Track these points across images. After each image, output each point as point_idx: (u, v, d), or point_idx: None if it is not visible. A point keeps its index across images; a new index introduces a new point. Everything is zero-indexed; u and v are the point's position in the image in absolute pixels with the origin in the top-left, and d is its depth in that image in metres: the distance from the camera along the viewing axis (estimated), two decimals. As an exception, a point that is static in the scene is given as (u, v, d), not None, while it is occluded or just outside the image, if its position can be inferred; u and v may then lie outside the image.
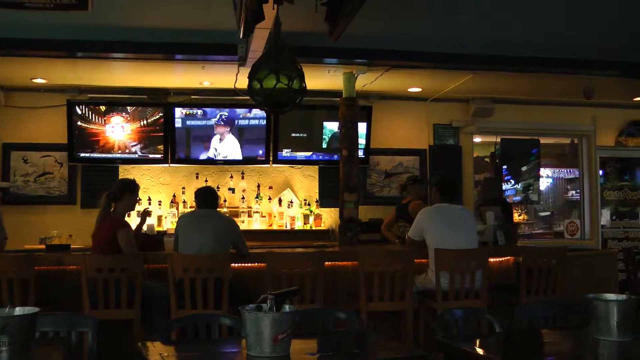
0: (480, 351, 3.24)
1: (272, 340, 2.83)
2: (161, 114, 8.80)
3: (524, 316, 4.00)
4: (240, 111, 8.85)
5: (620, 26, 7.18)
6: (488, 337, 3.96)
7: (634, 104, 10.63)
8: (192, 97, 8.98)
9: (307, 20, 5.70)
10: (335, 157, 8.71)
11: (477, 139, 10.56)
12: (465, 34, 7.11)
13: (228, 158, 8.93)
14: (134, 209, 6.58)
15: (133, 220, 7.32)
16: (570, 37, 7.41)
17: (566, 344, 3.64)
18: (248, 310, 2.89)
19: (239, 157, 8.96)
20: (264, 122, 8.90)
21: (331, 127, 9.14)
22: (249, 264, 6.27)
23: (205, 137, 8.85)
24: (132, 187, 6.11)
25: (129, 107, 8.81)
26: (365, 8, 6.07)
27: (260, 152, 8.99)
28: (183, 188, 8.93)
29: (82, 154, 8.77)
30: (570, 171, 11.29)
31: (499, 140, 10.35)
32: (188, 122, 8.79)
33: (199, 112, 8.81)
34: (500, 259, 7.02)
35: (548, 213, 11.53)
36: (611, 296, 3.50)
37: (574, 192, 11.17)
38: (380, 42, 7.28)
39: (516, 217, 11.04)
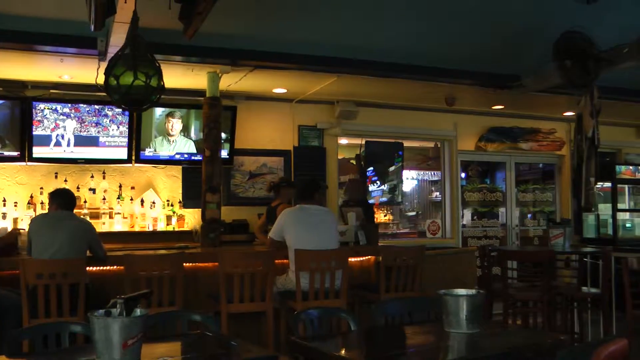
0: (333, 350, 3.28)
1: (122, 346, 2.75)
2: (18, 108, 8.35)
3: (380, 313, 4.09)
4: (101, 107, 8.55)
5: (481, 38, 7.48)
6: (343, 336, 4.01)
7: (493, 112, 11.15)
8: (52, 91, 8.56)
9: (167, 17, 5.58)
10: (199, 157, 8.60)
11: (343, 141, 10.71)
12: (330, 37, 7.19)
13: (89, 157, 8.59)
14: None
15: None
16: (433, 46, 7.67)
17: (418, 338, 3.75)
18: (96, 316, 2.80)
19: (100, 156, 8.65)
20: (126, 119, 8.66)
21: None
22: (108, 268, 6.08)
23: (65, 134, 8.50)
24: None
25: (-21, 100, 8.31)
26: (231, 7, 6.05)
27: (123, 151, 8.73)
28: (41, 188, 8.50)
29: None
30: (434, 173, 11.65)
31: (364, 142, 10.52)
32: (47, 118, 8.40)
33: (59, 107, 8.44)
34: (361, 259, 7.15)
35: (413, 213, 11.84)
36: (461, 291, 3.64)
37: (437, 193, 11.54)
38: (245, 42, 7.25)
39: (382, 218, 11.30)
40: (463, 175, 11.66)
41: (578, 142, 8.07)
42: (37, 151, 8.34)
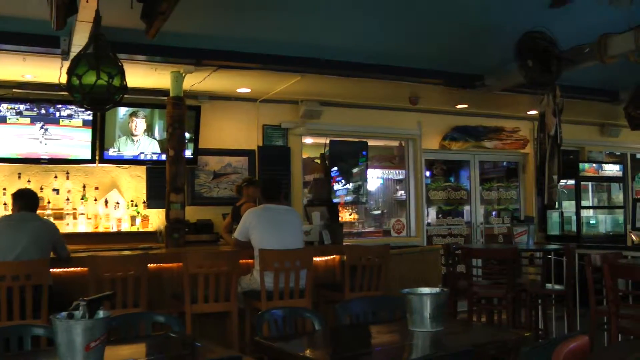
0: (297, 350, 3.27)
1: (84, 349, 2.72)
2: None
3: (344, 313, 4.09)
4: (65, 107, 8.44)
5: (444, 38, 7.53)
6: (307, 336, 4.01)
7: (457, 111, 11.24)
8: (14, 90, 8.43)
9: (130, 16, 5.53)
10: (163, 157, 8.54)
11: (307, 140, 10.70)
12: (294, 36, 7.19)
13: (52, 157, 8.48)
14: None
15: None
16: (397, 46, 7.70)
17: (383, 337, 3.77)
18: (58, 319, 2.77)
19: (64, 156, 8.54)
20: (90, 119, 8.56)
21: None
22: (72, 269, 6.00)
23: (26, 133, 8.37)
24: None
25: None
26: (194, 7, 6.02)
27: (86, 151, 8.63)
28: (4, 189, 8.37)
29: None
30: (398, 172, 11.68)
31: (328, 141, 10.53)
32: (9, 118, 8.27)
33: (21, 106, 8.31)
34: (326, 258, 7.15)
35: (379, 212, 11.88)
36: (424, 290, 3.66)
37: (402, 192, 11.58)
38: (209, 42, 7.22)
39: (347, 217, 11.32)
40: (428, 173, 11.74)
41: (541, 141, 8.17)
42: (0, 151, 8.22)
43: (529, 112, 11.34)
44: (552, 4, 6.14)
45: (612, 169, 13.01)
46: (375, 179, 11.57)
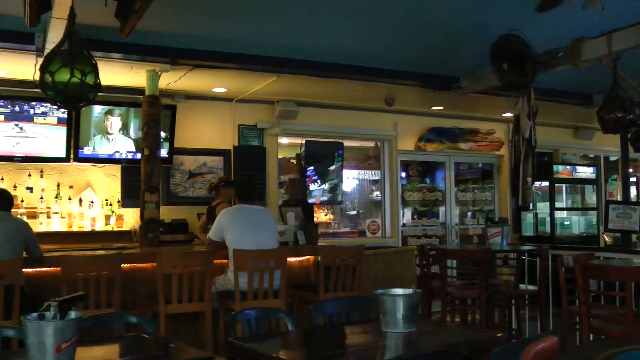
0: (270, 351, 3.27)
1: (55, 350, 2.70)
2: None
3: (318, 313, 4.09)
4: (39, 104, 8.36)
5: (420, 40, 7.57)
6: (281, 336, 4.01)
7: (432, 113, 11.30)
8: (-13, 87, 8.37)
9: (105, 14, 5.49)
10: (138, 156, 8.49)
11: (283, 140, 10.70)
12: (270, 36, 7.18)
13: (26, 155, 8.39)
14: None
15: None
16: (373, 47, 7.73)
17: (356, 338, 3.77)
18: (29, 320, 2.74)
19: (38, 154, 8.46)
20: (65, 117, 8.49)
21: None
22: (44, 269, 5.95)
23: (0, 131, 8.25)
24: None
25: None
26: (171, 6, 5.99)
27: (61, 149, 8.56)
28: (-23, 188, 8.31)
29: None
30: (374, 173, 11.71)
31: (304, 142, 10.53)
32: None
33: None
34: (301, 259, 7.16)
35: (354, 212, 11.91)
36: (397, 291, 3.66)
37: (378, 192, 11.62)
38: (185, 41, 7.20)
39: (323, 217, 11.33)
40: (403, 174, 11.79)
41: (516, 143, 8.22)
42: (-28, 149, 8.14)
43: (504, 115, 11.43)
44: (539, 7, 6.16)
45: (585, 171, 13.17)
46: (351, 179, 11.59)
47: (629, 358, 2.28)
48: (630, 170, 12.34)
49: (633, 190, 13.94)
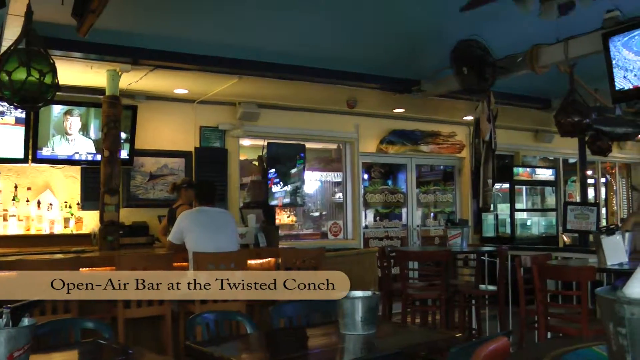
0: (227, 354, 3.26)
1: (7, 359, 2.65)
2: None
3: (278, 316, 4.09)
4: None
5: (384, 42, 7.60)
6: (240, 339, 3.99)
7: (394, 115, 11.36)
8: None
9: (64, 12, 5.42)
10: (99, 157, 8.39)
11: (245, 142, 10.67)
12: (231, 37, 7.16)
13: (-18, 156, 8.25)
14: None
15: None
16: (336, 50, 7.76)
17: (315, 340, 3.77)
18: (-21, 328, 2.69)
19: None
20: (23, 117, 8.35)
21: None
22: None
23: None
24: None
25: None
26: (131, 5, 5.94)
27: (19, 149, 8.40)
28: None
29: None
30: (336, 175, 11.72)
31: (266, 143, 10.52)
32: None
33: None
34: (262, 261, 7.14)
35: (317, 214, 11.92)
36: (356, 293, 3.67)
37: (340, 194, 11.63)
38: (146, 41, 7.15)
39: (285, 219, 11.32)
40: (365, 176, 11.82)
41: (476, 146, 8.31)
42: None
43: (465, 118, 11.55)
44: (464, 7, 6.15)
45: (545, 174, 13.36)
46: (313, 181, 11.59)
47: (576, 357, 2.31)
48: (589, 172, 12.54)
49: (591, 192, 14.17)
